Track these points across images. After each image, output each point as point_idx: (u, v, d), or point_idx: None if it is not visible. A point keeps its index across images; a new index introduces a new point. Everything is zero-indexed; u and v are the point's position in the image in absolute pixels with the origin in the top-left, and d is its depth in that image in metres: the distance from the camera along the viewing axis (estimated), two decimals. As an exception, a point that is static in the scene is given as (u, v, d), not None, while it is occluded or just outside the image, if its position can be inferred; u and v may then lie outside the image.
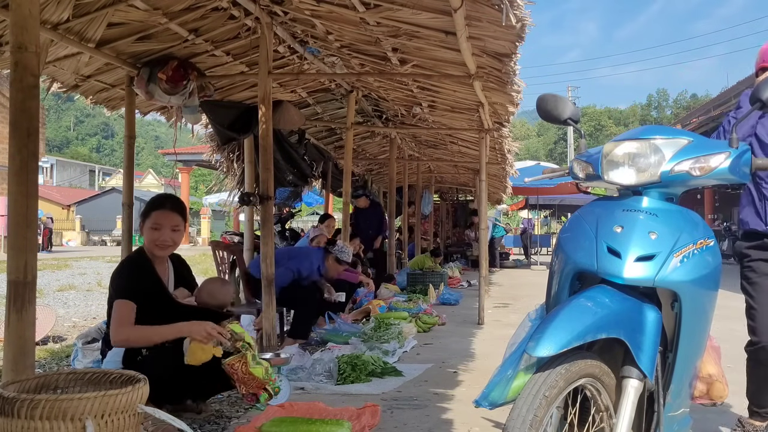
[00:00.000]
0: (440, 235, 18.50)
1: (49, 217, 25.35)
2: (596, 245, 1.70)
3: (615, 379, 1.65)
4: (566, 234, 1.85)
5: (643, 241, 1.67)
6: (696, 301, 1.70)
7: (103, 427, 1.89)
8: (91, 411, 1.87)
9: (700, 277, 1.68)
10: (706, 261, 1.72)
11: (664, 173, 1.77)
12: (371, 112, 8.39)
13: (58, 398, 1.87)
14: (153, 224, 3.00)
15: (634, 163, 1.80)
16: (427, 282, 9.00)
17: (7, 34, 3.81)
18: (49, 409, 1.84)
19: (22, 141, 2.21)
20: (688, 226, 1.75)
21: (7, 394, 1.88)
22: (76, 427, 1.85)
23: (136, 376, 2.14)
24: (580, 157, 1.99)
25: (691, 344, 1.74)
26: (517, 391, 1.85)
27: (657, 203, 1.79)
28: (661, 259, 1.64)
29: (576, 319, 1.54)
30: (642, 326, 1.62)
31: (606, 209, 1.82)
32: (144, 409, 2.02)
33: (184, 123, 5.82)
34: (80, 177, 54.49)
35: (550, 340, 1.49)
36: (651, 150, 1.79)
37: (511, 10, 3.13)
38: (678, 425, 1.82)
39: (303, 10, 4.56)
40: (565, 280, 1.77)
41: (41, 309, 4.69)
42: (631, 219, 1.73)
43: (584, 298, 1.61)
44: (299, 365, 4.09)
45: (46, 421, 1.84)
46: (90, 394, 1.91)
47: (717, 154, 1.78)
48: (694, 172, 1.77)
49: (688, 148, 1.78)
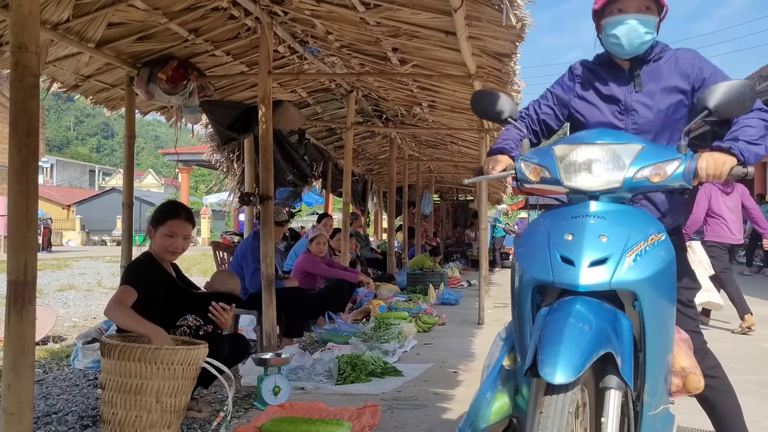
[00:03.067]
0: (440, 235, 18.50)
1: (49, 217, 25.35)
2: (549, 256, 1.70)
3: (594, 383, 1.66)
4: (520, 249, 1.84)
5: (594, 245, 1.66)
6: (656, 297, 1.69)
7: (176, 370, 2.58)
8: (167, 359, 2.55)
9: (655, 273, 1.68)
10: (660, 256, 1.72)
11: (626, 179, 1.78)
12: (371, 112, 8.39)
13: (149, 347, 2.59)
14: (168, 232, 3.22)
15: (594, 168, 1.79)
16: (427, 282, 9.00)
17: (7, 34, 3.81)
18: (141, 353, 2.54)
19: (22, 141, 2.21)
20: (638, 224, 1.75)
21: (108, 341, 2.64)
22: (159, 369, 2.56)
23: (198, 342, 2.80)
24: (528, 159, 1.92)
25: (659, 340, 1.74)
26: (499, 413, 1.84)
27: (604, 206, 1.79)
28: (615, 261, 1.64)
29: (579, 340, 1.54)
30: (621, 336, 1.63)
31: (555, 219, 1.81)
32: (204, 364, 2.68)
33: (184, 123, 5.83)
34: (80, 177, 54.50)
35: (566, 365, 1.48)
36: (610, 156, 1.79)
37: (511, 10, 3.13)
38: (661, 423, 1.81)
39: (303, 10, 4.57)
40: (526, 295, 1.76)
41: (41, 309, 4.69)
42: (581, 225, 1.73)
43: (572, 317, 1.60)
44: (299, 365, 4.09)
45: (138, 362, 2.55)
46: (167, 346, 2.62)
47: (672, 161, 1.80)
48: (654, 179, 1.78)
49: (644, 154, 1.79)
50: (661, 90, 2.18)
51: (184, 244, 3.29)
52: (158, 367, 2.55)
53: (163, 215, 3.28)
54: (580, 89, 2.31)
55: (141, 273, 3.14)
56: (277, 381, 3.42)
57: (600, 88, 2.26)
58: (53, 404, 3.55)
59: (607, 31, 2.14)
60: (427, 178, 15.52)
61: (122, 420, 2.56)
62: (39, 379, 4.10)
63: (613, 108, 2.23)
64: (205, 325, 3.28)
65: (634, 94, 2.20)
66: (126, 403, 2.55)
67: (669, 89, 2.18)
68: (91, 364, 4.34)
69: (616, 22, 2.12)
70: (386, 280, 9.06)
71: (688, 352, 2.02)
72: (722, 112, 1.84)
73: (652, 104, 2.19)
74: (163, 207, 3.42)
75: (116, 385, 2.57)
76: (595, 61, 2.32)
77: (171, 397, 2.59)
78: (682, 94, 2.18)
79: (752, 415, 3.40)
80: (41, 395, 3.71)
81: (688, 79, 2.17)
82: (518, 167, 1.95)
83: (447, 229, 20.22)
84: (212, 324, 3.29)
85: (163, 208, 3.39)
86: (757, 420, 3.33)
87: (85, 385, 4.00)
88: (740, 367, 4.65)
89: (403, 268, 11.03)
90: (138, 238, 7.78)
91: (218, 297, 3.36)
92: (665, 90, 2.18)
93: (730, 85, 1.84)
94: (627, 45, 2.12)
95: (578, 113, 2.30)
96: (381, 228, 20.22)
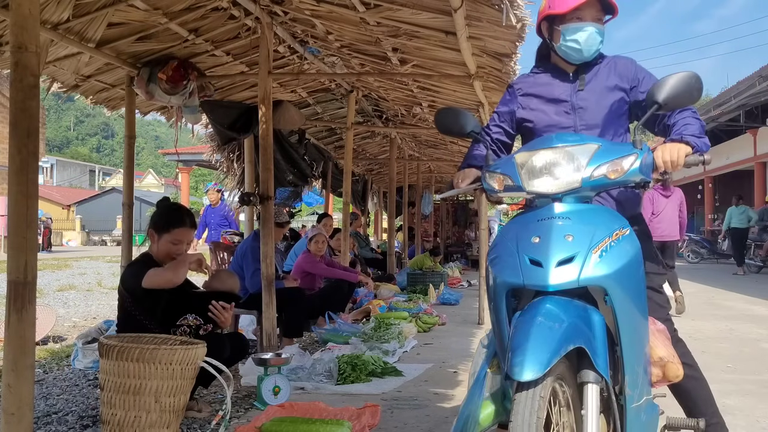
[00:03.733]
0: (440, 235, 18.50)
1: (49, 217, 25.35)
2: (519, 259, 1.74)
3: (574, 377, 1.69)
4: (492, 255, 1.89)
5: (560, 246, 1.71)
6: (625, 290, 1.73)
7: (175, 370, 2.58)
8: (165, 359, 2.55)
9: (621, 267, 1.72)
10: (625, 250, 1.76)
11: (584, 179, 1.83)
12: (371, 112, 8.39)
13: (147, 347, 2.59)
14: (174, 240, 3.27)
15: (552, 171, 1.84)
16: (427, 282, 8.99)
17: (7, 34, 3.81)
18: (139, 353, 2.54)
19: (22, 141, 2.21)
20: (602, 221, 1.80)
21: (106, 341, 2.63)
22: (157, 369, 2.56)
23: (197, 341, 2.79)
24: (493, 169, 1.99)
25: (633, 333, 1.78)
26: (488, 420, 1.87)
27: (569, 206, 1.84)
28: (581, 258, 1.68)
29: (547, 337, 1.58)
30: (593, 330, 1.68)
31: (522, 223, 1.87)
32: (202, 363, 2.68)
33: (184, 123, 5.82)
34: (80, 177, 54.50)
35: (533, 362, 1.53)
36: (567, 158, 1.84)
37: (511, 10, 3.13)
38: (645, 414, 1.85)
39: (303, 10, 4.57)
40: (500, 300, 1.80)
41: (41, 309, 4.69)
42: (547, 227, 1.77)
43: (540, 316, 1.64)
44: (299, 365, 4.09)
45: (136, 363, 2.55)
46: (165, 346, 2.62)
47: (628, 156, 1.85)
48: (611, 175, 1.84)
49: (600, 152, 1.84)
50: (603, 88, 2.30)
51: (187, 249, 3.36)
52: (157, 367, 2.55)
53: (167, 223, 3.30)
54: (523, 100, 2.40)
55: (141, 274, 3.15)
56: (277, 381, 3.42)
57: (543, 93, 2.36)
58: (53, 404, 3.56)
59: (566, 36, 2.23)
60: (427, 178, 15.53)
61: (121, 420, 2.56)
62: (39, 379, 4.10)
63: (560, 108, 2.31)
64: (205, 324, 3.29)
65: (579, 93, 2.30)
66: (125, 403, 2.56)
67: (610, 87, 2.30)
68: (91, 364, 4.34)
69: (576, 29, 2.21)
70: (386, 280, 9.06)
71: (665, 341, 2.06)
72: (671, 104, 1.93)
73: (596, 101, 2.29)
74: (165, 212, 3.42)
75: (115, 385, 2.57)
76: (534, 72, 2.43)
77: (170, 397, 2.59)
78: (623, 92, 2.30)
79: (752, 415, 3.41)
80: (41, 395, 3.71)
81: (626, 79, 2.29)
82: (483, 178, 2.04)
83: (447, 229, 20.21)
84: (212, 323, 3.30)
85: (167, 213, 3.39)
86: (757, 420, 3.33)
87: (85, 385, 4.00)
88: (740, 367, 4.65)
89: (403, 268, 11.03)
90: (138, 238, 7.80)
91: (218, 296, 3.39)
92: (607, 88, 2.30)
93: (678, 77, 1.91)
94: (585, 50, 2.24)
95: (526, 121, 2.39)
96: (381, 228, 20.22)
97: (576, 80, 2.31)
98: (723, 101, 15.77)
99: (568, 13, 2.20)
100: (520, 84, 2.43)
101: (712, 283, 11.95)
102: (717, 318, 7.27)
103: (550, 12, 2.24)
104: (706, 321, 6.92)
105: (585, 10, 2.19)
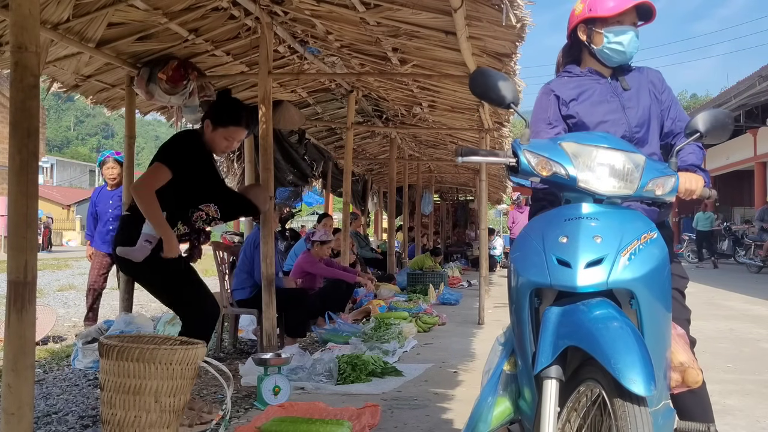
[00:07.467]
0: (440, 235, 18.50)
1: (49, 217, 25.34)
2: (545, 259, 1.73)
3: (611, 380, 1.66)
4: (516, 253, 1.87)
5: (589, 247, 1.69)
6: (652, 294, 1.72)
7: (175, 370, 2.58)
8: (165, 359, 2.54)
9: (650, 271, 1.71)
10: (653, 254, 1.75)
11: (640, 188, 1.83)
12: (371, 112, 8.39)
13: (147, 347, 2.58)
14: (228, 136, 3.36)
15: (612, 173, 1.83)
16: (427, 282, 9.00)
17: (7, 34, 3.81)
18: (139, 353, 2.53)
19: (22, 141, 2.21)
20: (630, 224, 1.79)
21: (106, 341, 2.62)
22: (157, 368, 2.55)
23: (197, 341, 2.79)
24: (535, 150, 1.85)
25: (657, 337, 1.77)
26: (501, 417, 1.86)
27: (596, 207, 1.82)
28: (610, 261, 1.67)
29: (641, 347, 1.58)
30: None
31: (548, 222, 1.84)
32: (202, 363, 2.68)
33: (185, 123, 5.82)
34: (80, 177, 54.47)
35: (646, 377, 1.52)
36: (628, 164, 1.84)
37: (511, 10, 3.13)
38: (662, 418, 1.84)
39: (303, 10, 4.57)
40: (524, 299, 1.79)
41: (41, 309, 4.69)
42: (575, 227, 1.75)
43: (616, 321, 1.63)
44: (299, 365, 4.09)
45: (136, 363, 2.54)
46: (165, 346, 2.62)
47: (670, 177, 1.89)
48: (658, 190, 1.86)
49: (648, 166, 1.86)
50: (642, 90, 2.34)
51: (236, 145, 3.47)
52: (156, 367, 2.55)
53: (227, 119, 3.36)
54: (567, 99, 2.33)
55: (182, 151, 3.22)
56: (277, 381, 3.42)
57: (588, 94, 2.33)
58: (53, 404, 3.56)
59: (610, 39, 2.25)
60: (427, 178, 15.51)
61: (121, 420, 2.56)
62: (39, 379, 4.10)
63: (610, 107, 2.30)
64: (220, 219, 3.41)
65: (624, 93, 2.33)
66: (125, 403, 2.56)
67: (646, 90, 2.34)
68: (91, 364, 4.34)
69: (620, 31, 2.25)
70: (386, 280, 9.06)
71: (684, 347, 2.05)
72: (711, 137, 2.00)
73: (639, 100, 2.32)
74: (226, 107, 3.45)
75: (115, 385, 2.57)
76: (568, 73, 2.39)
77: (170, 396, 2.60)
78: (655, 97, 2.35)
79: (752, 415, 3.41)
80: (41, 395, 3.71)
81: (657, 88, 2.36)
82: (523, 160, 1.86)
83: (447, 229, 20.21)
84: (193, 248, 3.41)
85: (229, 109, 3.43)
86: (757, 420, 3.33)
87: (85, 385, 4.00)
88: (740, 367, 4.65)
89: (403, 268, 11.03)
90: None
91: (243, 201, 3.55)
92: (646, 90, 2.34)
93: (717, 112, 2.02)
94: (629, 53, 2.27)
95: (575, 118, 2.32)
96: (381, 228, 20.21)
97: (616, 81, 2.34)
98: (723, 101, 15.74)
99: (611, 17, 2.24)
100: (559, 86, 2.36)
101: (712, 283, 11.95)
102: (717, 318, 7.27)
103: (591, 15, 2.26)
104: (706, 321, 6.92)
105: (626, 14, 2.25)
